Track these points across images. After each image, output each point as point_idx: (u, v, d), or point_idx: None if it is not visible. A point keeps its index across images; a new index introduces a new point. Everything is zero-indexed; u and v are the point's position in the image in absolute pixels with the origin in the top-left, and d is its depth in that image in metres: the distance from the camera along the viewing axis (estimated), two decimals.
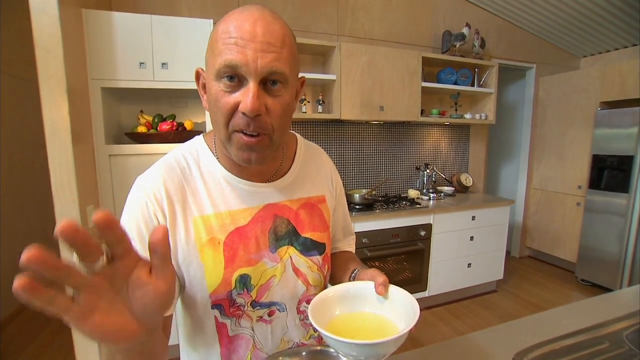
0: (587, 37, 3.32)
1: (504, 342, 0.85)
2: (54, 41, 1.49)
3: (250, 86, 0.47)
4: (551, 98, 3.51)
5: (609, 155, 2.89)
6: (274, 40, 0.47)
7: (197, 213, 0.56)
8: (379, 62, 2.50)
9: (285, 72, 0.49)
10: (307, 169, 0.69)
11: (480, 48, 2.98)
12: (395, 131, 3.03)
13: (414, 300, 0.53)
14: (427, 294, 2.65)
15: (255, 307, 0.60)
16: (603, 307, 1.01)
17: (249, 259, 0.58)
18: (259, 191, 0.61)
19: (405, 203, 2.65)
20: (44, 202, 2.99)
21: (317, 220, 0.67)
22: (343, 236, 0.83)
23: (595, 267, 3.05)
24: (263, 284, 0.60)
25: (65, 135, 1.56)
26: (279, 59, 0.47)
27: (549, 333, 0.87)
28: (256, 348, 0.63)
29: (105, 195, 1.86)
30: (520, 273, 3.46)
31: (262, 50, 0.46)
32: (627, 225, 2.77)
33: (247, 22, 0.46)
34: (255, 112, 0.47)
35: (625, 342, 0.84)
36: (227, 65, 0.46)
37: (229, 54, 0.46)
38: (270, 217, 0.61)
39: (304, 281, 0.64)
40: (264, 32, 0.46)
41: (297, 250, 0.63)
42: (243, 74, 0.47)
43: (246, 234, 0.58)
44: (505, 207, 2.86)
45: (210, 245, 0.56)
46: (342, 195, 0.80)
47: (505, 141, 4.08)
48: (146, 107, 2.12)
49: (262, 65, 0.46)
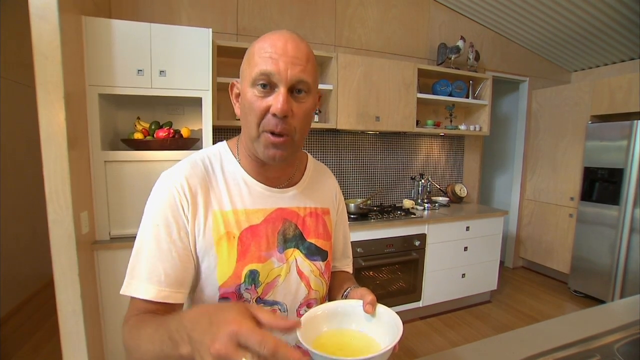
0: (577, 53, 3.40)
1: (497, 355, 0.85)
2: (53, 47, 1.50)
3: (281, 91, 0.55)
4: (544, 111, 3.57)
5: (600, 168, 2.94)
6: (301, 55, 0.56)
7: (217, 207, 0.61)
8: (375, 72, 2.53)
9: (310, 82, 0.57)
10: (315, 183, 0.75)
11: (474, 61, 3.04)
12: (391, 141, 3.06)
13: (398, 319, 0.55)
14: (421, 304, 2.65)
15: (259, 304, 0.63)
16: (595, 320, 1.02)
17: (259, 255, 0.62)
18: (272, 195, 0.66)
19: (400, 213, 2.66)
20: (38, 207, 2.96)
21: (322, 228, 0.71)
22: (343, 256, 0.87)
23: (587, 279, 3.07)
24: (269, 282, 0.63)
25: (61, 140, 1.55)
26: (304, 71, 0.56)
27: (541, 345, 0.88)
28: None
29: (100, 201, 1.85)
30: (514, 284, 3.48)
31: (292, 63, 0.55)
32: (618, 236, 2.81)
33: (280, 41, 0.55)
34: (284, 114, 0.55)
35: (617, 355, 0.85)
36: (263, 73, 0.55)
37: (264, 65, 0.55)
38: (281, 219, 0.66)
39: (306, 284, 0.68)
40: (293, 49, 0.55)
41: (302, 253, 0.68)
42: (275, 81, 0.55)
43: (259, 232, 0.63)
44: (499, 218, 2.89)
45: (226, 239, 0.60)
46: (343, 213, 0.84)
47: (499, 152, 4.14)
48: (143, 113, 2.12)
49: (292, 74, 0.55)
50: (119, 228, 1.91)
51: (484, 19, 3.19)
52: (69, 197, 1.59)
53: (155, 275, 0.55)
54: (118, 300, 1.86)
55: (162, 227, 0.57)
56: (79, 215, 1.68)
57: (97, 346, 1.81)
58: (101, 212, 1.86)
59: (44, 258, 3.24)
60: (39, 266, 3.06)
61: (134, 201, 1.91)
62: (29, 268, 2.95)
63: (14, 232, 2.76)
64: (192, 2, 2.32)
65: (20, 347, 2.23)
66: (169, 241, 0.57)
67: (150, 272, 0.55)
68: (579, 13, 2.74)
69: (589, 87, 3.14)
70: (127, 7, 2.19)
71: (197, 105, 2.06)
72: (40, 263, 3.07)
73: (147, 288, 0.55)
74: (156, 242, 0.57)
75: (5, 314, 2.57)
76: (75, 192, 1.62)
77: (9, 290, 2.65)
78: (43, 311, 2.73)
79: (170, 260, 0.56)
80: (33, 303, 2.88)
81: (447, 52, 2.94)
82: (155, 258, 0.56)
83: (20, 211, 2.84)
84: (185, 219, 0.58)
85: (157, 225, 0.57)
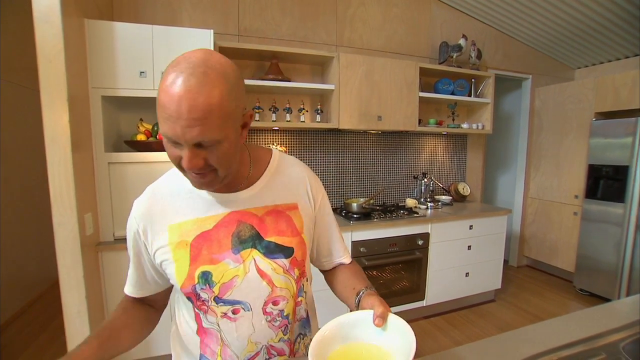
0: (580, 50, 3.38)
1: (501, 353, 0.85)
2: (57, 51, 1.51)
3: (185, 149, 0.55)
4: (547, 108, 3.55)
5: (605, 165, 2.92)
6: (198, 114, 0.51)
7: (172, 222, 0.68)
8: (377, 72, 2.53)
9: (214, 137, 0.54)
10: (278, 179, 0.75)
11: (476, 59, 3.03)
12: (393, 140, 3.05)
13: (411, 331, 0.55)
14: (425, 304, 2.64)
15: (219, 303, 0.66)
16: (600, 318, 1.01)
17: (211, 258, 0.66)
18: (224, 201, 0.69)
19: (403, 212, 2.65)
20: (42, 209, 2.98)
21: (284, 225, 0.71)
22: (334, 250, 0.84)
23: (593, 277, 3.05)
24: (226, 282, 0.66)
25: (65, 143, 1.56)
26: (204, 131, 0.53)
27: (546, 344, 0.87)
28: (224, 345, 0.68)
29: (104, 203, 1.86)
30: (518, 282, 3.46)
31: (188, 126, 0.52)
32: (624, 234, 2.79)
33: (174, 102, 0.51)
34: (193, 169, 0.57)
35: (622, 353, 0.84)
36: (165, 136, 0.55)
37: (165, 127, 0.54)
38: (234, 222, 0.68)
39: (268, 282, 0.68)
40: (188, 109, 0.51)
41: (261, 252, 0.68)
42: (179, 142, 0.54)
43: (210, 237, 0.67)
44: (502, 217, 2.87)
45: (180, 247, 0.66)
46: (325, 206, 0.81)
47: (502, 151, 4.12)
48: (145, 115, 2.13)
49: (190, 138, 0.53)
50: (123, 229, 1.91)
51: (486, 17, 3.18)
52: (74, 199, 1.60)
53: (131, 279, 0.75)
54: None
55: (129, 249, 0.73)
56: (84, 217, 1.69)
57: None
58: (105, 214, 1.87)
59: (49, 260, 3.27)
60: (44, 268, 3.08)
61: None
62: (35, 270, 2.97)
63: (19, 234, 2.78)
64: (193, 4, 2.33)
65: (26, 348, 2.25)
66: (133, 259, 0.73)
67: (129, 276, 0.75)
68: (581, 9, 2.72)
69: (592, 84, 3.12)
70: (129, 10, 2.21)
71: None
72: (45, 265, 3.09)
73: (126, 287, 0.76)
74: (130, 256, 0.73)
75: (10, 315, 2.59)
76: (79, 194, 1.63)
77: (14, 292, 2.67)
78: (48, 313, 2.75)
79: (134, 270, 0.74)
80: (38, 305, 2.90)
81: (449, 51, 2.93)
82: (130, 268, 0.74)
83: (26, 213, 2.86)
84: (142, 241, 0.69)
85: (128, 248, 0.73)
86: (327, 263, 0.85)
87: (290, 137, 2.68)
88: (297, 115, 2.56)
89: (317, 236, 0.81)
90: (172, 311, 0.83)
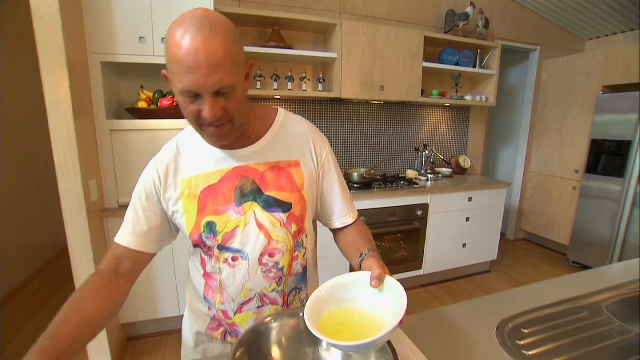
0: (592, 19, 3.26)
1: (490, 311, 0.89)
2: (52, 12, 1.48)
3: (206, 99, 0.58)
4: (553, 81, 3.48)
5: (607, 140, 2.90)
6: (216, 61, 0.55)
7: (184, 176, 0.73)
8: (380, 41, 2.47)
9: (231, 83, 0.59)
10: (282, 137, 0.77)
11: (483, 28, 2.93)
12: (395, 111, 3.03)
13: (404, 295, 0.56)
14: (423, 273, 2.72)
15: (222, 250, 0.73)
16: (586, 282, 1.06)
17: (216, 209, 0.71)
18: (229, 157, 0.73)
19: (403, 183, 2.68)
20: (46, 177, 3.02)
21: (284, 181, 0.75)
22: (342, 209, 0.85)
23: (586, 250, 3.12)
24: (228, 232, 0.72)
25: (66, 109, 1.57)
26: (223, 77, 0.57)
27: (532, 303, 0.92)
28: (223, 288, 0.75)
29: (107, 170, 1.89)
30: (513, 255, 3.54)
31: (209, 74, 0.56)
32: (620, 209, 2.82)
33: (191, 54, 0.54)
34: (214, 119, 0.60)
35: (605, 312, 0.89)
36: (186, 89, 0.57)
37: (185, 80, 0.56)
38: (238, 177, 0.72)
39: (266, 235, 0.73)
40: (206, 57, 0.55)
41: (260, 206, 0.73)
42: (199, 92, 0.58)
43: (215, 190, 0.72)
44: (501, 190, 2.90)
45: (190, 199, 0.72)
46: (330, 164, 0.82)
47: (505, 124, 4.08)
48: (146, 82, 2.11)
49: (211, 85, 0.57)
50: (127, 196, 1.95)
51: None
52: (78, 165, 1.62)
53: (127, 226, 0.73)
54: None
55: (137, 195, 0.74)
56: (88, 183, 1.72)
57: None
58: (109, 181, 1.90)
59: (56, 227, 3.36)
60: (53, 235, 3.17)
61: (141, 169, 1.94)
62: (44, 237, 3.06)
63: (26, 203, 2.84)
64: None
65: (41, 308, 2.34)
66: (139, 205, 0.73)
67: (125, 224, 0.73)
68: None
69: (602, 56, 3.04)
70: None
71: None
72: (53, 232, 3.18)
73: (120, 235, 0.73)
74: (133, 205, 0.74)
75: (22, 280, 2.70)
76: (83, 161, 1.65)
77: (24, 258, 2.77)
78: (60, 276, 2.86)
79: (137, 218, 0.73)
80: (49, 269, 3.01)
81: (455, 20, 2.84)
82: (129, 216, 0.74)
83: (32, 182, 2.91)
84: (157, 190, 0.73)
85: (136, 194, 0.74)
86: (332, 222, 0.86)
87: (292, 107, 2.66)
88: (299, 84, 2.53)
89: (321, 193, 0.82)
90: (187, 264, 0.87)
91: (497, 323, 0.83)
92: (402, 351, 0.69)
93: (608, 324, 0.83)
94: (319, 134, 0.82)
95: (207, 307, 0.79)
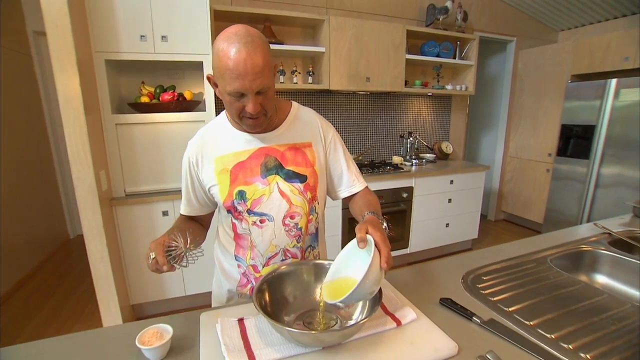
0: (564, 11, 3.47)
1: (456, 266, 1.10)
2: (62, 15, 1.59)
3: (250, 98, 0.75)
4: (528, 71, 3.71)
5: (575, 125, 3.16)
6: (259, 69, 0.72)
7: (216, 155, 0.90)
8: (365, 35, 2.63)
9: (268, 84, 0.76)
10: (296, 124, 0.95)
11: (462, 21, 3.12)
12: (381, 101, 3.21)
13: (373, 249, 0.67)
14: (409, 251, 2.95)
15: (251, 214, 0.89)
16: (538, 242, 1.28)
17: (245, 180, 0.88)
18: (255, 139, 0.90)
19: (390, 168, 2.88)
20: (48, 172, 3.11)
21: (300, 158, 0.92)
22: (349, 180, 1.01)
23: (557, 227, 3.36)
24: (256, 198, 0.88)
25: (77, 104, 1.69)
26: (263, 80, 0.74)
27: (493, 259, 1.13)
28: (253, 245, 0.92)
29: (114, 161, 2.02)
30: (493, 234, 3.81)
31: (254, 80, 0.73)
32: (585, 189, 3.09)
33: (240, 63, 0.71)
34: (255, 112, 0.77)
35: (549, 263, 1.10)
36: (236, 91, 0.74)
37: (235, 84, 0.73)
38: (262, 155, 0.90)
39: (287, 201, 0.90)
40: (252, 66, 0.72)
41: (282, 177, 0.90)
42: (245, 93, 0.75)
43: (244, 165, 0.89)
44: (481, 173, 3.13)
45: (223, 173, 0.89)
46: (335, 143, 1.00)
47: (486, 111, 4.31)
48: (146, 78, 2.23)
49: (255, 87, 0.74)
50: (133, 186, 2.10)
51: None
52: (89, 156, 1.76)
53: (183, 199, 0.98)
54: (136, 249, 2.10)
55: (184, 176, 0.94)
56: (99, 173, 1.85)
57: (122, 285, 2.07)
58: (116, 171, 2.04)
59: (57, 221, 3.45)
60: (55, 228, 3.28)
61: (145, 160, 2.08)
62: (47, 229, 3.16)
63: (30, 197, 2.93)
64: None
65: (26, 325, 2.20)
66: (186, 183, 0.95)
67: (183, 198, 0.98)
68: None
69: (571, 46, 3.27)
70: None
71: (196, 69, 2.18)
72: (53, 225, 3.28)
73: (181, 208, 0.99)
74: (184, 183, 0.95)
75: (28, 271, 2.81)
76: (93, 153, 1.79)
77: (29, 250, 2.88)
78: (63, 268, 2.99)
79: (187, 193, 0.96)
80: (54, 259, 3.13)
81: (436, 13, 3.01)
82: (183, 192, 0.97)
83: (31, 176, 2.99)
84: (195, 170, 0.92)
85: (183, 175, 0.95)
86: (341, 191, 1.03)
87: (285, 98, 2.80)
88: (290, 77, 2.67)
89: (329, 168, 0.99)
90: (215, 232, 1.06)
91: (462, 274, 1.04)
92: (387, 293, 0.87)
93: (548, 270, 1.05)
94: (325, 121, 1.01)
95: (237, 265, 0.96)
